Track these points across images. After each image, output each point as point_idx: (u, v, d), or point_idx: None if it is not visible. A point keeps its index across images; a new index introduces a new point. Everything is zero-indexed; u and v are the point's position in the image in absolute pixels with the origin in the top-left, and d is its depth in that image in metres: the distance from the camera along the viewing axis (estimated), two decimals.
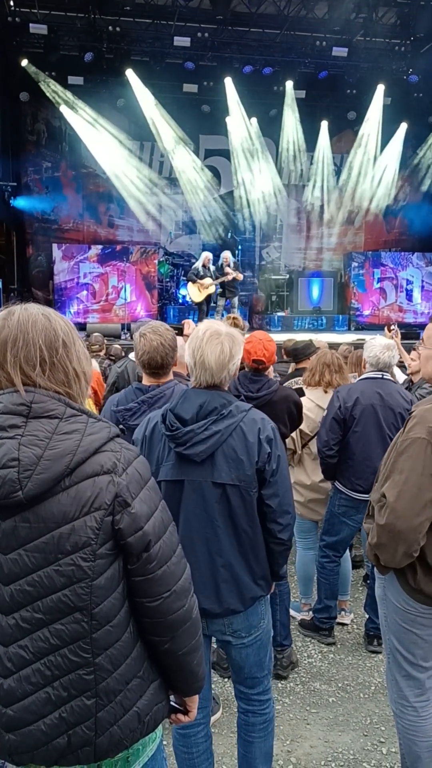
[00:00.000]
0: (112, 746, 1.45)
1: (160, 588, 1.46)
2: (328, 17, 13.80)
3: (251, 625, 2.38)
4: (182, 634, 1.51)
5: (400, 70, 15.17)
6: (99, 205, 16.81)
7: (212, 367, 2.24)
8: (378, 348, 3.90)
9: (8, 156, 15.40)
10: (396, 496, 2.13)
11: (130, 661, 1.47)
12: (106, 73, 14.47)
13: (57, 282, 15.56)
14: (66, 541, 1.36)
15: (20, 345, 1.40)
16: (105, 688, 1.43)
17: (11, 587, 1.37)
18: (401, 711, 2.42)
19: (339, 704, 3.48)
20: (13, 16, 13.21)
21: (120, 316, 14.91)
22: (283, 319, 15.50)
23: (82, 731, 1.42)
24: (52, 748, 1.40)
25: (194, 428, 2.20)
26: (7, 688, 1.38)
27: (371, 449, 3.82)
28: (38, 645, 1.38)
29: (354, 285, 16.62)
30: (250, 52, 14.88)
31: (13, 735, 1.39)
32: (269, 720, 2.56)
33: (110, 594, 1.41)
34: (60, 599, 1.37)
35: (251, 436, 2.26)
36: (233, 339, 2.29)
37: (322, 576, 4.12)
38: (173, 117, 15.79)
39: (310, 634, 4.14)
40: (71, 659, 1.39)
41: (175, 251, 17.29)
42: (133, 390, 3.00)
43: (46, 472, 1.34)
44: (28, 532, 1.36)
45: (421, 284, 16.97)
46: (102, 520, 1.37)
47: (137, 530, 1.41)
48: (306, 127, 16.43)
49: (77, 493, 1.36)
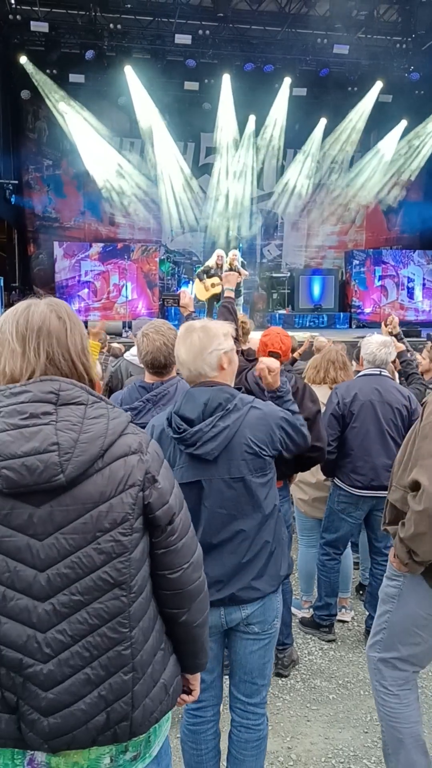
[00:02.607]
0: (145, 720, 1.51)
1: (181, 559, 1.55)
2: (329, 15, 13.79)
3: (266, 620, 2.37)
4: (198, 605, 1.61)
5: (401, 68, 15.16)
6: (100, 203, 16.82)
7: (185, 360, 2.27)
8: (374, 345, 3.93)
9: (9, 154, 15.41)
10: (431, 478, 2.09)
11: (155, 633, 1.55)
12: (108, 70, 14.48)
13: (58, 280, 15.57)
14: (104, 519, 1.42)
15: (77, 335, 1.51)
16: (140, 661, 1.50)
17: (48, 572, 1.40)
18: (383, 699, 2.43)
19: (339, 701, 3.49)
20: (14, 14, 13.21)
21: (121, 314, 14.92)
22: (284, 317, 15.50)
23: (120, 707, 1.47)
24: (92, 726, 1.44)
25: (202, 427, 2.19)
26: (47, 673, 1.41)
27: (370, 444, 3.84)
28: (76, 627, 1.42)
29: (355, 283, 16.62)
30: (251, 49, 14.88)
31: (53, 718, 1.42)
32: (262, 738, 2.49)
33: (142, 566, 1.50)
34: (99, 577, 1.42)
35: (261, 426, 2.26)
36: (207, 331, 2.27)
37: (323, 573, 4.13)
38: (174, 114, 15.82)
39: (310, 632, 4.16)
40: (110, 636, 1.45)
41: (176, 249, 17.31)
42: (136, 388, 3.00)
43: (84, 455, 1.40)
44: (65, 515, 1.40)
45: (422, 282, 16.96)
46: (136, 496, 1.46)
47: (164, 504, 1.50)
48: (306, 125, 16.45)
49: (111, 472, 1.44)
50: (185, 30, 13.80)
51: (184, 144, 16.89)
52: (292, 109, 15.83)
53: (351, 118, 16.25)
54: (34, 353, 1.45)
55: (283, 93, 15.46)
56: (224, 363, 2.29)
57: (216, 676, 2.48)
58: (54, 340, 1.47)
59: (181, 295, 3.84)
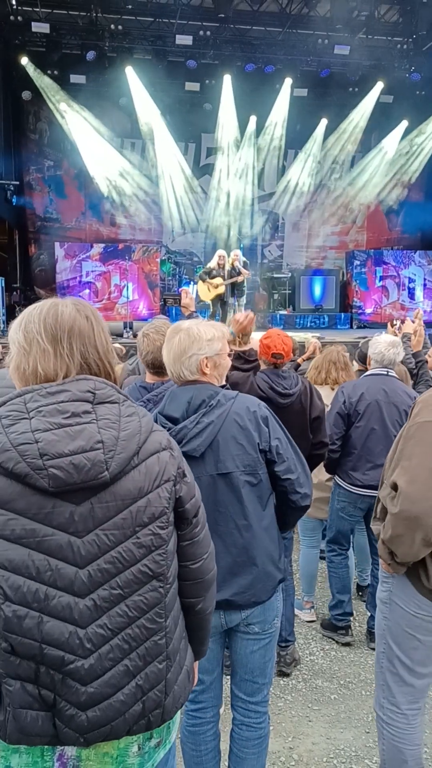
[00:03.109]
0: (174, 706, 1.56)
1: (202, 550, 1.63)
2: (330, 15, 13.79)
3: (266, 620, 2.37)
4: (211, 592, 1.70)
5: (402, 68, 15.16)
6: (101, 204, 16.84)
7: (166, 361, 2.33)
8: (383, 345, 3.91)
9: (10, 154, 15.42)
10: (408, 481, 2.07)
11: (180, 621, 1.62)
12: (108, 71, 14.49)
13: (59, 280, 15.57)
14: (143, 513, 1.46)
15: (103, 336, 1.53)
16: (172, 649, 1.55)
17: (88, 569, 1.41)
18: (390, 718, 2.37)
19: (341, 701, 3.49)
20: (16, 14, 13.22)
21: (122, 315, 14.92)
22: (285, 318, 15.50)
23: (155, 695, 1.51)
24: (129, 716, 1.47)
25: (186, 424, 2.20)
26: (88, 668, 1.42)
27: (373, 444, 3.85)
28: (116, 620, 1.45)
29: (356, 283, 16.61)
30: (252, 50, 14.89)
31: (92, 711, 1.43)
32: (264, 736, 2.49)
33: (174, 557, 1.56)
34: (139, 570, 1.46)
35: (246, 419, 2.26)
36: (189, 334, 2.27)
37: (332, 570, 4.14)
38: (175, 115, 15.83)
39: (329, 634, 4.13)
40: (148, 627, 1.49)
41: (177, 250, 17.32)
42: (137, 388, 3.01)
43: (125, 452, 1.43)
44: (105, 512, 1.42)
45: (423, 282, 16.95)
46: (171, 490, 1.52)
47: (192, 497, 1.59)
48: (307, 126, 16.46)
49: (146, 468, 1.48)
50: (186, 31, 13.81)
51: (185, 144, 16.90)
52: (293, 110, 15.84)
53: (352, 118, 16.27)
54: (68, 353, 1.46)
55: (284, 93, 15.48)
56: (204, 367, 2.27)
57: (216, 677, 2.48)
58: (85, 339, 1.48)
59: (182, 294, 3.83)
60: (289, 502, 2.37)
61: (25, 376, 1.47)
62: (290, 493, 2.35)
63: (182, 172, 16.57)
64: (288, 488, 2.34)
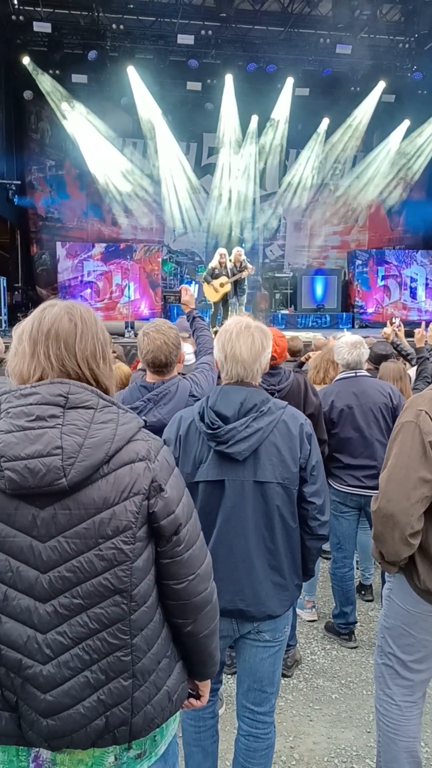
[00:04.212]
0: (146, 725, 1.50)
1: (187, 570, 1.52)
2: (331, 14, 13.77)
3: (277, 628, 2.33)
4: (204, 616, 1.58)
5: (404, 68, 15.16)
6: (103, 204, 16.85)
7: (245, 359, 2.20)
8: (345, 349, 3.89)
9: (12, 154, 15.44)
10: (386, 480, 2.13)
11: (161, 641, 1.54)
12: (110, 71, 14.50)
13: (61, 280, 15.59)
14: (107, 525, 1.40)
15: (88, 339, 1.48)
16: (141, 668, 1.48)
17: (50, 574, 1.40)
18: (385, 709, 2.41)
19: (342, 701, 3.49)
20: (17, 14, 13.22)
21: (124, 314, 14.92)
22: (286, 317, 15.50)
23: (120, 712, 1.46)
24: (91, 730, 1.44)
25: (236, 426, 2.14)
26: (47, 674, 1.41)
27: (352, 449, 3.85)
28: (77, 630, 1.42)
29: (358, 283, 16.60)
30: (253, 49, 14.88)
31: (52, 720, 1.42)
32: (270, 746, 2.45)
33: (146, 575, 1.48)
34: (100, 583, 1.41)
35: (293, 432, 2.22)
36: (263, 332, 2.26)
37: (335, 583, 4.09)
38: (177, 115, 15.83)
39: (333, 638, 4.12)
40: (110, 642, 1.44)
41: (179, 249, 17.32)
42: (137, 387, 3.00)
43: (87, 459, 1.38)
44: (68, 519, 1.39)
45: (425, 282, 16.94)
46: (141, 504, 1.43)
47: (170, 513, 1.48)
48: (309, 125, 16.46)
49: (116, 479, 1.42)
50: (188, 30, 13.81)
51: (186, 144, 16.91)
52: (295, 109, 15.85)
53: (354, 117, 16.28)
54: (44, 355, 1.44)
55: (286, 93, 15.49)
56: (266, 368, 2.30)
57: None
58: (61, 343, 1.44)
59: (182, 291, 3.79)
60: (306, 528, 2.31)
61: (13, 375, 1.48)
62: (310, 518, 2.29)
63: (184, 171, 16.58)
64: (310, 512, 2.28)
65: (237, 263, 12.09)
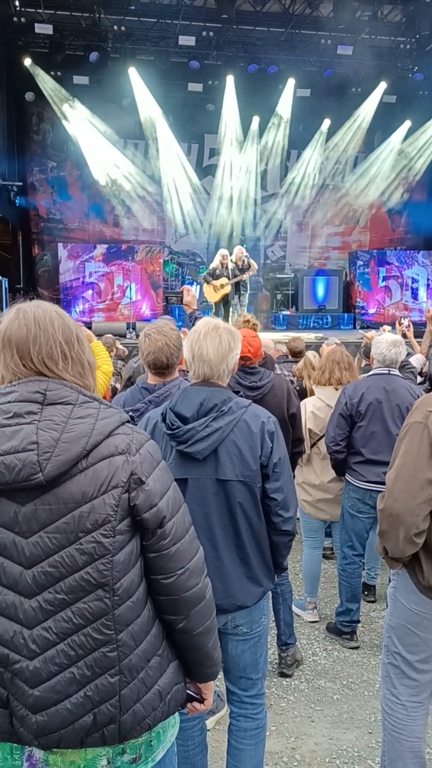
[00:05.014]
0: (136, 724, 1.50)
1: (175, 565, 1.52)
2: (333, 15, 13.79)
3: (253, 620, 2.39)
4: (196, 613, 1.57)
5: (405, 68, 15.16)
6: (104, 205, 16.86)
7: (211, 359, 2.26)
8: (384, 345, 3.93)
9: (14, 156, 15.44)
10: (393, 479, 2.15)
11: (151, 638, 1.53)
12: (111, 72, 14.51)
13: (63, 281, 15.60)
14: (86, 519, 1.41)
15: (42, 342, 1.48)
16: (128, 664, 1.48)
17: (33, 570, 1.41)
18: (391, 708, 2.42)
19: (343, 702, 3.49)
20: (19, 16, 13.23)
21: (125, 315, 14.94)
22: (288, 318, 15.50)
23: (107, 709, 1.46)
24: (78, 727, 1.44)
25: (195, 426, 2.20)
26: (33, 670, 1.42)
27: (376, 443, 3.87)
28: (62, 625, 1.42)
29: (359, 283, 16.59)
30: (254, 50, 14.87)
31: (40, 716, 1.43)
32: (261, 727, 2.50)
33: (130, 569, 1.47)
34: (82, 577, 1.42)
35: (253, 431, 2.26)
36: (231, 333, 2.31)
37: (343, 579, 4.10)
38: (178, 116, 15.84)
39: (334, 638, 4.13)
40: (95, 637, 1.44)
41: (180, 250, 17.33)
42: (139, 389, 3.01)
43: (64, 454, 1.39)
44: (49, 515, 1.41)
45: (426, 282, 16.92)
46: (120, 498, 1.44)
47: (152, 506, 1.47)
48: (310, 126, 16.46)
49: (95, 473, 1.42)
50: (189, 31, 13.82)
51: (187, 145, 16.91)
52: (296, 110, 15.86)
53: (355, 118, 16.27)
54: (5, 361, 1.48)
55: (287, 94, 15.49)
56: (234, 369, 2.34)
57: None
58: (14, 349, 1.47)
59: (183, 292, 3.80)
60: (271, 524, 2.35)
61: None
62: (273, 514, 2.33)
63: (185, 172, 16.58)
64: (273, 508, 2.32)
65: (239, 261, 12.04)
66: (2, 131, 14.45)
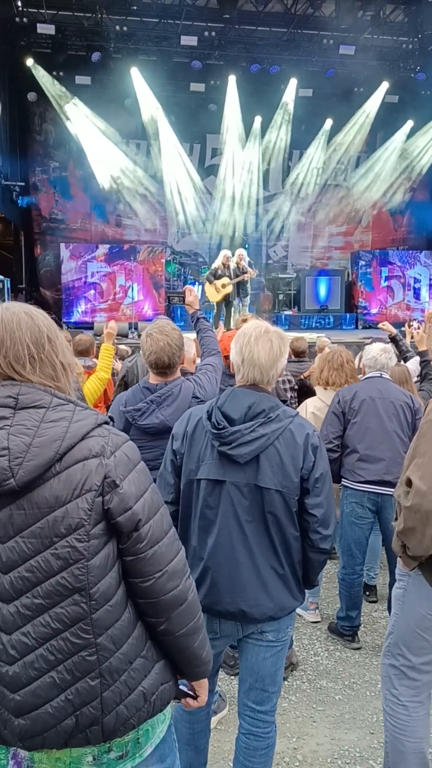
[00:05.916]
0: (119, 725, 1.49)
1: (152, 568, 1.49)
2: (335, 15, 13.79)
3: (280, 629, 2.33)
4: (177, 615, 1.54)
5: (407, 68, 15.16)
6: (106, 205, 16.88)
7: (262, 364, 2.21)
8: (375, 351, 4.11)
9: (16, 156, 15.47)
10: (420, 477, 2.12)
11: (132, 640, 1.51)
12: (114, 72, 14.52)
13: (65, 281, 15.62)
14: (60, 524, 1.40)
15: (8, 345, 1.46)
16: (108, 668, 1.47)
17: (10, 575, 1.41)
18: (392, 709, 2.41)
19: (345, 702, 3.49)
20: (21, 16, 13.26)
21: (127, 315, 14.95)
22: (290, 318, 15.50)
23: (89, 711, 1.45)
24: (61, 729, 1.44)
25: (241, 428, 2.15)
26: (13, 675, 1.42)
27: (371, 439, 3.85)
28: (40, 630, 1.42)
29: (361, 283, 16.60)
30: (256, 50, 14.89)
31: (23, 719, 1.43)
32: (271, 745, 2.45)
33: (106, 573, 1.45)
34: (58, 582, 1.41)
35: (298, 442, 2.20)
36: (281, 337, 2.27)
37: (343, 588, 4.07)
38: (180, 116, 15.85)
39: (336, 639, 4.11)
40: (73, 642, 1.43)
41: (182, 250, 17.34)
42: (140, 389, 3.00)
43: (36, 459, 1.38)
44: (24, 519, 1.40)
45: (429, 282, 16.93)
46: (93, 501, 1.42)
47: (126, 510, 1.45)
48: (312, 126, 16.46)
49: (68, 477, 1.41)
50: (191, 31, 13.83)
51: (190, 145, 16.93)
52: (298, 110, 15.87)
53: (357, 118, 16.29)
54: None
55: (289, 94, 15.50)
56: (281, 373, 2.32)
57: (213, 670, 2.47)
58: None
59: (186, 292, 3.79)
60: (308, 540, 2.27)
61: None
62: (311, 531, 2.26)
63: (187, 172, 16.59)
64: (311, 524, 2.24)
65: (239, 266, 12.10)
66: (5, 131, 14.48)
